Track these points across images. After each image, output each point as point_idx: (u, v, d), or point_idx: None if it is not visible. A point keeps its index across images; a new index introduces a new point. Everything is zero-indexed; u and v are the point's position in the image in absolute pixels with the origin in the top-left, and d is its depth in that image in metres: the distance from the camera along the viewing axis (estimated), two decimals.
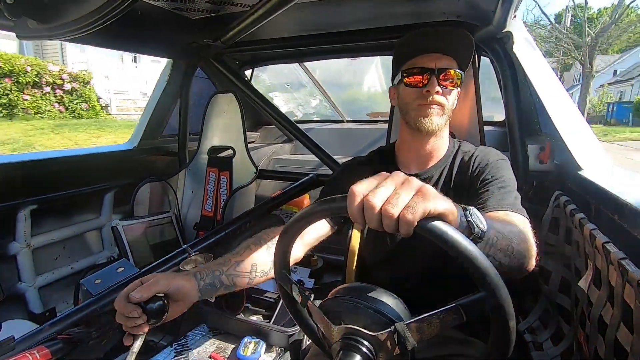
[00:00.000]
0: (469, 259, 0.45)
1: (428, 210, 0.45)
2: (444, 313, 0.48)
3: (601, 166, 1.08)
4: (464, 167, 0.95)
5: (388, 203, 0.45)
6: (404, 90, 0.94)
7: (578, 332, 0.90)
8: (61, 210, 1.63)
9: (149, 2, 1.20)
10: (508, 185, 0.86)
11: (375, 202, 0.46)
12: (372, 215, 0.46)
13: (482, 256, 0.45)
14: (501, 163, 0.92)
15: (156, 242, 1.76)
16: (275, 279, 0.66)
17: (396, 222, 0.45)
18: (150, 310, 0.67)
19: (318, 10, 1.34)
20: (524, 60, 1.24)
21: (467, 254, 0.44)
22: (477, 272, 0.45)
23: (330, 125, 2.65)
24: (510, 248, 0.63)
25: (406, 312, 0.56)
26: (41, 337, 0.94)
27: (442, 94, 0.90)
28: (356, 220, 0.48)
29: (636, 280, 0.59)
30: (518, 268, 0.67)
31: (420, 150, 0.99)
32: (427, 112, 0.91)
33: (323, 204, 0.53)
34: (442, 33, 0.94)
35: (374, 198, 0.46)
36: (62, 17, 0.89)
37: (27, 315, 1.49)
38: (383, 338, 0.52)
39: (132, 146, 1.89)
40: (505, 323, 0.46)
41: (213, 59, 1.81)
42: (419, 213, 0.44)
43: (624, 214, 0.73)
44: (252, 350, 1.18)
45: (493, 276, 0.45)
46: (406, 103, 0.94)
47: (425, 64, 0.91)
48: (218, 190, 1.87)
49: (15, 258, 1.47)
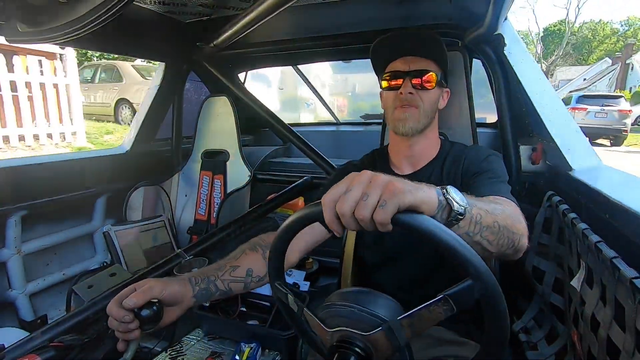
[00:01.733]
0: (450, 247, 0.45)
1: (398, 205, 0.45)
2: (433, 305, 0.48)
3: (592, 166, 1.09)
4: (456, 165, 0.96)
5: (358, 207, 0.46)
6: (385, 94, 0.99)
7: (571, 331, 0.91)
8: (52, 216, 1.60)
9: (141, 6, 1.19)
10: (498, 177, 0.86)
11: (345, 210, 0.46)
12: (347, 221, 0.47)
13: (463, 244, 0.45)
14: (492, 158, 0.93)
15: (149, 247, 1.74)
16: (272, 291, 0.66)
17: (372, 222, 0.46)
18: (144, 316, 0.66)
19: (311, 14, 1.34)
20: (515, 62, 1.26)
21: (446, 242, 0.45)
22: (460, 260, 0.45)
23: (324, 127, 2.65)
24: (496, 224, 0.61)
25: (398, 310, 0.56)
26: (32, 345, 0.93)
27: (417, 95, 0.92)
28: (334, 229, 0.49)
29: (628, 279, 0.59)
30: (508, 246, 0.64)
31: (407, 151, 1.01)
32: (401, 115, 0.94)
33: (300, 214, 0.55)
34: (411, 35, 0.98)
35: (343, 205, 0.46)
36: (53, 21, 0.88)
37: (18, 323, 1.47)
38: (376, 337, 0.52)
39: (125, 150, 1.87)
40: (497, 307, 0.46)
41: (206, 62, 1.80)
42: (389, 210, 0.45)
43: (615, 213, 0.74)
44: (248, 354, 1.17)
45: (477, 262, 0.45)
46: (387, 107, 0.99)
47: (399, 67, 0.94)
48: (212, 193, 1.86)
49: (5, 265, 1.44)
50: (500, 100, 1.31)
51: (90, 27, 0.85)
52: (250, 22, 1.24)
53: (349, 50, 1.85)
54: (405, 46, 0.95)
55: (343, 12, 1.33)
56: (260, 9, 1.15)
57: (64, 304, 1.46)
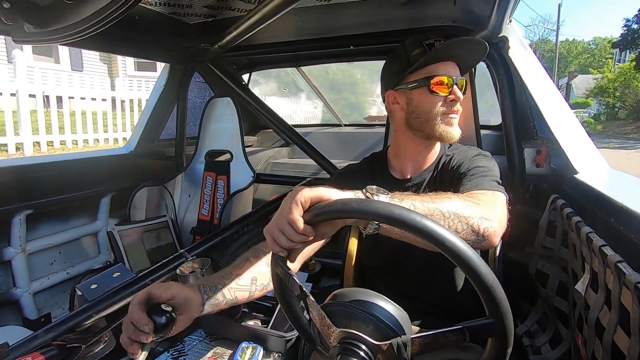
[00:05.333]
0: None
1: (298, 201, 0.56)
2: (449, 333, 0.49)
3: (597, 169, 1.08)
4: (445, 168, 0.96)
5: (277, 221, 0.58)
6: (426, 98, 0.91)
7: (576, 335, 0.90)
8: (57, 215, 1.61)
9: (146, 7, 1.20)
10: (480, 172, 0.85)
11: (271, 228, 0.59)
12: (278, 237, 0.58)
13: (492, 278, 0.45)
14: (478, 157, 0.92)
15: (153, 247, 1.74)
16: (271, 265, 0.65)
17: (290, 227, 0.56)
18: (158, 323, 0.65)
19: (315, 15, 1.34)
20: (519, 64, 1.25)
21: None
22: (488, 300, 0.46)
23: (327, 129, 2.65)
24: (437, 211, 0.62)
25: (408, 325, 0.57)
26: (36, 344, 0.93)
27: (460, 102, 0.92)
28: (276, 251, 0.60)
29: (633, 283, 0.59)
30: (467, 231, 0.64)
31: (419, 156, 1.00)
32: (451, 122, 0.91)
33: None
34: (461, 42, 0.92)
35: (269, 226, 0.60)
36: (60, 21, 0.89)
37: (22, 321, 1.47)
38: (384, 348, 0.52)
39: (129, 150, 1.89)
40: (504, 349, 0.48)
41: (210, 63, 1.81)
42: (294, 209, 0.55)
43: (620, 217, 0.73)
44: (249, 355, 1.17)
45: (505, 305, 0.46)
46: (427, 111, 0.91)
47: (449, 72, 0.91)
48: (215, 194, 1.86)
49: (10, 263, 1.45)
50: (504, 102, 1.31)
51: (96, 28, 0.85)
52: (255, 23, 1.24)
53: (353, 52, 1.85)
54: (456, 53, 0.92)
55: (347, 14, 1.33)
56: (264, 11, 1.16)
57: (67, 302, 1.47)
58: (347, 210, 0.52)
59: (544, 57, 35.60)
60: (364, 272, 1.14)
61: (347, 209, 0.52)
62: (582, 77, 31.24)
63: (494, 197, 0.77)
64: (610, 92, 21.30)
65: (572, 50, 46.51)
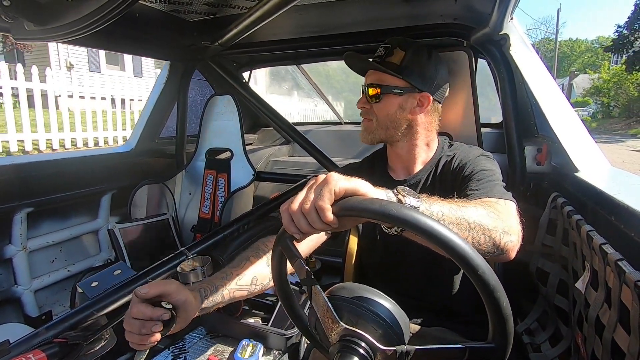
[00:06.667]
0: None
1: (333, 190, 0.51)
2: (453, 349, 0.49)
3: (598, 167, 1.08)
4: (447, 168, 0.96)
5: (302, 203, 0.53)
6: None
7: (576, 333, 0.90)
8: (58, 213, 1.62)
9: (147, 4, 1.20)
10: (487, 177, 0.85)
11: (293, 208, 0.53)
12: (298, 220, 0.53)
13: (508, 311, 0.46)
14: (480, 159, 0.92)
15: (153, 245, 1.75)
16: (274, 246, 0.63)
17: (316, 214, 0.51)
18: (162, 321, 0.66)
19: (316, 13, 1.34)
20: (520, 62, 1.25)
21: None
22: (497, 326, 0.46)
23: (328, 127, 2.65)
24: (464, 221, 0.60)
25: (408, 329, 0.57)
26: (37, 341, 0.93)
27: (371, 108, 0.99)
28: (291, 232, 0.55)
29: (633, 282, 0.59)
30: (488, 244, 0.63)
31: (397, 157, 1.02)
32: (362, 127, 1.02)
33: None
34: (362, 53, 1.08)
35: (292, 206, 0.54)
36: (60, 19, 0.89)
37: (23, 319, 1.48)
38: (386, 352, 0.52)
39: (130, 148, 1.89)
40: None
41: (211, 61, 1.80)
42: (326, 197, 0.51)
43: (621, 215, 0.73)
44: (249, 352, 1.17)
45: (510, 336, 0.46)
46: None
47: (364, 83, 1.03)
48: (215, 192, 1.86)
49: (11, 261, 1.46)
50: (505, 100, 1.30)
51: (96, 25, 0.85)
52: (255, 21, 1.24)
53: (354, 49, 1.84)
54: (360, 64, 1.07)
55: (348, 12, 1.33)
56: (265, 8, 1.15)
57: (68, 300, 1.47)
58: (383, 214, 0.47)
59: (546, 57, 36.38)
60: (363, 269, 1.14)
61: (384, 213, 0.47)
62: (582, 76, 32.24)
63: (507, 207, 0.76)
64: (605, 92, 22.43)
65: (576, 49, 47.37)
